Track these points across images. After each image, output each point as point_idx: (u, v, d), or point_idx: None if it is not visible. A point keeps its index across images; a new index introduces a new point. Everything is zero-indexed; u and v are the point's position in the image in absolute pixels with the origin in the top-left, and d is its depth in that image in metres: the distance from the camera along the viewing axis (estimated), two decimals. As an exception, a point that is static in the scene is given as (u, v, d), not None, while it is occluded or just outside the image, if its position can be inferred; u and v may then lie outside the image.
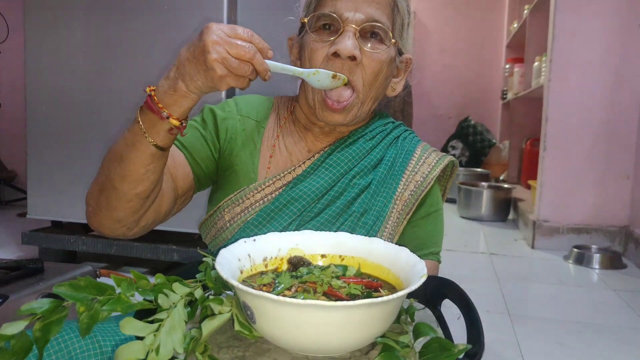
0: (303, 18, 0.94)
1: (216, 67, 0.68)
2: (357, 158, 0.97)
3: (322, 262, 0.73)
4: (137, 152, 0.75)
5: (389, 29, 0.90)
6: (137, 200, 0.79)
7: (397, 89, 1.01)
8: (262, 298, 0.52)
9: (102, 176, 0.80)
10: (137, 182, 0.77)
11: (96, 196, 0.81)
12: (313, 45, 0.89)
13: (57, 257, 2.07)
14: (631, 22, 2.61)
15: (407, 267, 0.65)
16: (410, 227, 0.98)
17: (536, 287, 2.20)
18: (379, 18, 0.88)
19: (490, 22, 5.46)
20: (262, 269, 0.69)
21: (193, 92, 0.71)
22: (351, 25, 0.87)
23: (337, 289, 0.62)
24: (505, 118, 5.15)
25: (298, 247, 0.73)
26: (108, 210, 0.80)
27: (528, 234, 2.88)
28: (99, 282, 0.57)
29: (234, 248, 0.66)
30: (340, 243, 0.74)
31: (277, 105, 1.04)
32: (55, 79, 1.98)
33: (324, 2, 0.90)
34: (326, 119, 0.90)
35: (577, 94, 2.70)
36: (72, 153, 1.97)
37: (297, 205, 0.92)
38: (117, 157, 0.77)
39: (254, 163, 0.96)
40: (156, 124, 0.73)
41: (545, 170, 2.77)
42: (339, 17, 0.87)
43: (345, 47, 0.85)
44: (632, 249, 2.56)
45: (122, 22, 1.90)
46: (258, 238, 0.70)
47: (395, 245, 0.71)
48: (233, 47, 0.68)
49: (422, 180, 0.97)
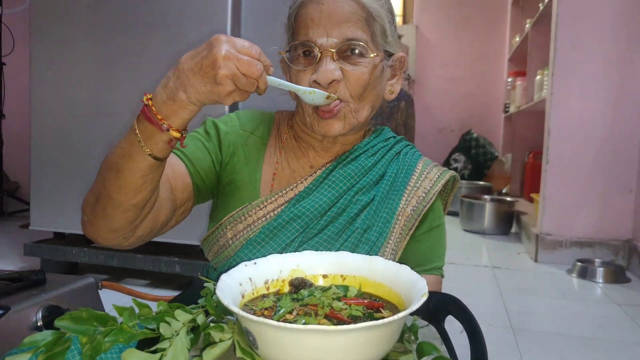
0: (283, 51, 0.94)
1: (225, 83, 0.67)
2: (360, 174, 0.97)
3: (323, 283, 0.73)
4: (133, 162, 0.73)
5: (366, 41, 0.89)
6: (134, 210, 0.78)
7: (395, 91, 1.01)
8: (263, 324, 0.52)
9: (98, 185, 0.79)
10: (134, 192, 0.76)
11: (92, 205, 0.80)
12: (297, 75, 0.90)
13: (59, 268, 2.07)
14: (633, 36, 2.62)
15: (408, 286, 0.65)
16: (413, 242, 0.98)
17: (539, 301, 2.19)
18: (353, 36, 0.88)
19: (492, 36, 5.49)
20: (263, 291, 0.69)
21: (194, 103, 0.70)
22: (327, 49, 0.87)
23: (338, 311, 0.62)
24: (508, 131, 5.16)
25: (299, 268, 0.73)
26: (104, 219, 0.79)
27: (531, 248, 2.87)
28: (101, 313, 0.57)
29: (235, 273, 0.66)
30: (341, 262, 0.74)
31: (278, 120, 1.04)
32: (60, 92, 1.99)
33: (297, 30, 0.91)
34: (324, 131, 0.90)
35: (580, 107, 2.70)
36: (76, 165, 1.98)
37: (300, 222, 0.92)
38: (113, 167, 0.76)
39: (256, 179, 0.96)
40: (154, 135, 0.72)
41: (547, 183, 2.77)
42: (314, 43, 0.87)
43: (324, 76, 0.86)
44: (635, 263, 2.55)
45: (126, 35, 1.92)
46: (259, 261, 0.70)
47: (395, 263, 0.70)
48: (244, 65, 0.67)
49: (424, 195, 0.97)
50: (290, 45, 0.91)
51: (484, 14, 5.48)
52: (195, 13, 1.86)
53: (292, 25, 0.92)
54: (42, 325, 1.22)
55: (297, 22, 0.90)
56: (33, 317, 1.22)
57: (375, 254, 0.93)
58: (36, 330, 1.21)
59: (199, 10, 1.85)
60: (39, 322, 1.23)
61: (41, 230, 2.05)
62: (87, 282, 1.43)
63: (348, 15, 0.88)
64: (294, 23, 0.91)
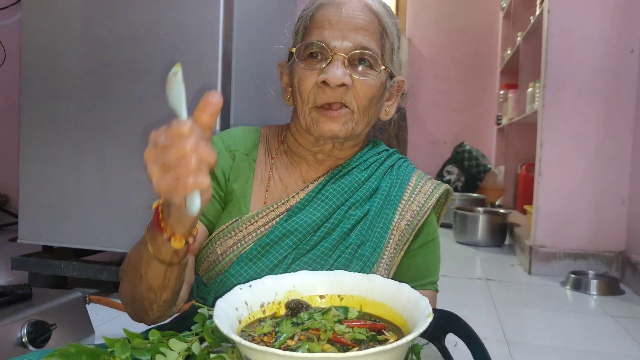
0: (291, 48, 0.94)
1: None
2: (353, 189, 0.96)
3: (320, 303, 0.71)
4: (151, 268, 0.73)
5: (378, 55, 0.89)
6: (168, 303, 0.80)
7: (390, 112, 1.01)
8: (267, 354, 0.50)
9: (130, 285, 0.80)
10: (162, 290, 0.76)
11: (131, 304, 0.82)
12: (302, 73, 0.89)
13: (47, 282, 2.04)
14: (623, 48, 2.64)
15: (410, 305, 0.63)
16: (408, 257, 0.97)
17: (533, 313, 2.18)
18: (368, 45, 0.88)
19: (484, 49, 5.52)
20: (260, 315, 0.67)
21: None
22: (339, 54, 0.86)
23: (341, 335, 0.60)
24: (500, 143, 5.17)
25: (295, 289, 0.71)
26: (147, 314, 0.81)
27: (524, 260, 2.86)
28: (91, 348, 0.54)
29: (231, 297, 0.64)
30: (338, 282, 0.72)
31: (266, 136, 1.03)
32: (50, 104, 1.97)
33: (311, 30, 0.90)
34: (322, 130, 0.88)
35: (571, 119, 2.71)
36: (65, 178, 1.96)
37: (292, 238, 0.90)
38: (136, 270, 0.76)
39: (246, 196, 0.95)
40: (163, 245, 0.69)
41: (540, 195, 2.77)
42: (327, 45, 0.87)
43: (334, 76, 0.85)
44: (629, 275, 2.54)
45: (118, 49, 1.90)
46: (254, 283, 0.68)
47: (394, 281, 0.69)
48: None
49: (419, 209, 0.96)
50: (301, 44, 0.90)
51: (476, 27, 5.52)
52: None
53: (305, 25, 0.91)
54: (27, 341, 1.19)
55: (312, 23, 0.90)
56: (18, 332, 1.20)
57: (369, 270, 0.91)
58: (20, 347, 1.18)
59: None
60: (23, 337, 1.20)
61: (29, 243, 2.02)
62: (75, 296, 1.41)
63: (366, 25, 0.89)
64: (309, 23, 0.90)
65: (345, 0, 0.89)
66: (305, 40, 0.90)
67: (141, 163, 2.12)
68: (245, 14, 1.92)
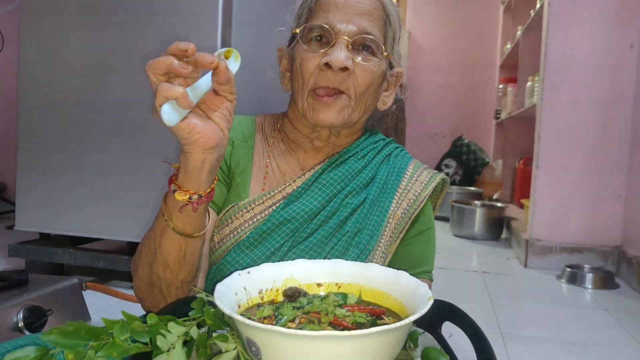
0: (294, 29, 0.94)
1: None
2: (349, 177, 0.96)
3: (318, 291, 0.71)
4: (166, 240, 0.73)
5: (380, 41, 0.90)
6: (186, 284, 0.79)
7: (387, 103, 1.01)
8: (272, 332, 0.49)
9: (146, 271, 0.79)
10: (178, 268, 0.75)
11: (149, 292, 0.80)
12: (304, 55, 0.88)
13: (44, 269, 2.04)
14: (622, 43, 2.64)
15: (409, 291, 0.63)
16: (403, 245, 0.97)
17: (529, 306, 2.19)
18: (372, 31, 0.88)
19: (484, 43, 5.52)
20: (258, 301, 0.67)
21: (183, 148, 0.68)
22: (343, 37, 0.86)
23: (342, 318, 0.60)
24: (499, 137, 5.18)
25: (293, 277, 0.71)
26: (164, 300, 0.79)
27: (521, 253, 2.87)
28: (90, 326, 0.54)
29: (230, 282, 0.64)
30: (335, 270, 0.72)
31: (262, 124, 1.02)
32: (49, 91, 1.97)
33: (316, 13, 0.90)
34: (318, 118, 0.88)
35: (570, 113, 2.71)
36: (63, 165, 1.96)
37: (289, 226, 0.90)
38: (151, 249, 0.76)
39: (245, 183, 0.95)
40: (173, 207, 0.71)
41: (538, 189, 2.77)
42: (331, 28, 0.87)
43: (337, 59, 0.84)
44: (624, 269, 2.56)
45: (118, 34, 1.90)
46: (252, 270, 0.68)
47: (392, 269, 0.69)
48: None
49: (415, 198, 0.96)
50: (305, 25, 0.89)
51: (476, 21, 5.51)
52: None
53: (310, 8, 0.91)
54: (23, 326, 1.20)
55: (318, 6, 0.90)
56: (14, 317, 1.20)
57: (365, 257, 0.92)
58: (17, 331, 1.18)
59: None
60: (20, 322, 1.20)
61: (27, 231, 2.02)
62: (71, 283, 1.41)
63: (371, 10, 0.89)
64: (314, 6, 0.90)
65: None
66: (309, 22, 0.90)
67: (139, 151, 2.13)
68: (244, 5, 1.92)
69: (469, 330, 0.64)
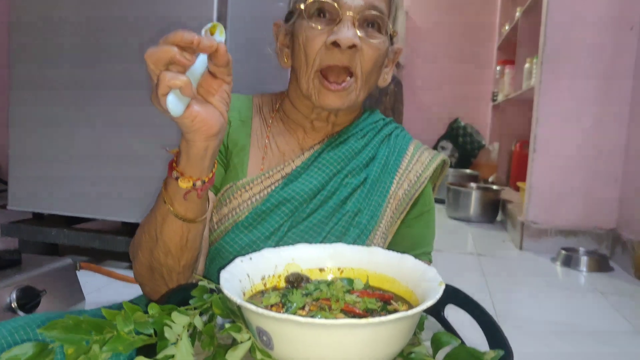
0: (298, 4, 0.91)
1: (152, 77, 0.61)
2: (349, 157, 0.94)
3: (320, 276, 0.70)
4: (168, 226, 0.72)
5: (386, 16, 0.87)
6: (188, 269, 0.78)
7: (387, 79, 0.99)
8: (287, 322, 0.48)
9: (146, 255, 0.77)
10: (180, 253, 0.74)
11: (149, 277, 0.79)
12: (309, 33, 0.85)
13: (38, 249, 2.02)
14: (623, 26, 2.61)
15: (416, 276, 0.62)
16: (404, 226, 0.96)
17: (524, 289, 2.19)
18: (378, 5, 0.85)
19: (482, 24, 5.47)
20: (261, 288, 0.65)
21: (183, 136, 0.67)
22: (349, 12, 0.83)
23: (352, 304, 0.58)
24: (495, 120, 5.16)
25: (294, 262, 0.69)
26: (165, 285, 0.78)
27: (516, 236, 2.88)
28: (91, 319, 0.52)
29: (233, 269, 0.62)
30: (338, 255, 0.71)
31: (260, 105, 1.00)
32: (41, 68, 1.93)
33: None
34: (324, 102, 0.86)
35: (568, 95, 2.70)
36: (56, 144, 1.93)
37: (288, 206, 0.89)
38: (152, 237, 0.74)
39: (243, 163, 0.93)
40: (175, 193, 0.70)
41: (534, 172, 2.77)
42: (337, 2, 0.84)
43: (345, 37, 0.82)
44: (619, 252, 2.56)
45: (111, 11, 1.86)
46: (253, 256, 0.67)
47: (396, 253, 0.68)
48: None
49: (416, 179, 0.95)
50: (308, 0, 0.85)
51: (474, 2, 5.45)
52: None
53: None
54: (16, 306, 1.19)
55: None
56: (7, 298, 1.19)
57: (365, 238, 0.91)
58: (10, 312, 1.17)
59: None
60: (12, 303, 1.19)
61: (19, 210, 1.99)
62: (65, 263, 1.39)
63: None
64: None
65: None
66: None
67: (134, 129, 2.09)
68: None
69: (475, 314, 0.64)
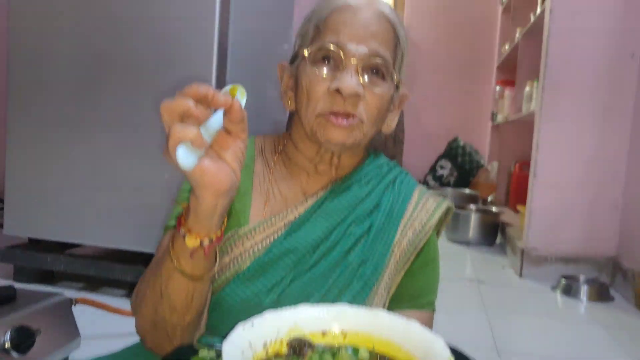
0: (300, 48, 0.90)
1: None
2: (353, 205, 0.92)
3: (323, 339, 0.68)
4: (174, 283, 0.70)
5: (391, 64, 0.86)
6: (192, 325, 0.76)
7: (391, 125, 0.98)
8: None
9: (149, 310, 0.75)
10: (185, 311, 0.73)
11: (151, 333, 0.77)
12: (312, 78, 0.84)
13: (33, 276, 1.99)
14: (623, 53, 2.62)
15: (424, 345, 0.60)
16: (407, 276, 0.94)
17: (524, 319, 2.17)
18: (383, 53, 0.84)
19: (481, 43, 5.48)
20: (263, 356, 0.63)
21: (194, 193, 0.66)
22: (354, 59, 0.82)
23: None
24: (494, 139, 5.16)
25: (297, 326, 0.67)
26: (169, 341, 0.76)
27: (516, 262, 2.86)
28: None
29: (235, 339, 0.60)
30: (341, 317, 0.69)
31: (262, 147, 0.98)
32: (39, 93, 1.92)
33: (325, 33, 0.85)
34: (329, 137, 0.84)
35: (569, 122, 2.69)
36: (53, 169, 1.91)
37: (291, 257, 0.86)
38: (157, 293, 0.72)
39: (245, 209, 0.90)
40: (182, 250, 0.69)
41: (534, 198, 2.75)
42: (342, 49, 0.83)
43: (349, 86, 0.81)
44: (619, 281, 2.55)
45: (110, 38, 1.85)
46: (255, 322, 0.65)
47: (402, 318, 0.66)
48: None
49: (421, 228, 0.93)
50: (313, 46, 0.85)
51: (474, 21, 5.47)
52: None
53: (318, 27, 0.87)
54: (9, 347, 1.16)
55: (326, 25, 0.85)
56: (1, 338, 1.16)
57: (369, 290, 0.88)
58: (4, 354, 1.14)
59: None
60: (6, 343, 1.16)
61: (15, 235, 1.97)
62: (61, 299, 1.36)
63: (382, 32, 0.85)
64: (322, 26, 0.86)
65: (362, 6, 0.86)
66: (316, 41, 0.86)
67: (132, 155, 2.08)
68: (242, 6, 1.87)
69: None
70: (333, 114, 0.84)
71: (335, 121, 0.84)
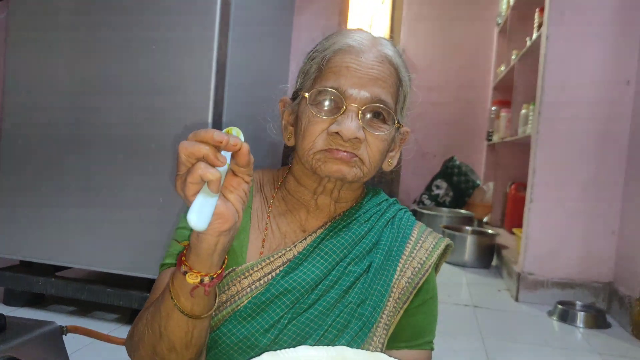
0: (301, 89, 0.89)
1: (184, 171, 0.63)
2: (352, 244, 0.91)
3: None
4: (173, 322, 0.70)
5: (392, 109, 0.86)
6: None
7: (392, 164, 0.97)
8: None
9: (148, 352, 0.74)
10: (185, 349, 0.72)
11: None
12: (312, 119, 0.84)
13: (23, 299, 1.96)
14: (619, 80, 2.63)
15: None
16: (406, 316, 0.92)
17: (521, 347, 2.15)
18: (385, 98, 0.84)
19: (478, 63, 5.52)
20: None
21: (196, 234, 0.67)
22: (354, 104, 0.82)
23: None
24: (490, 159, 5.17)
25: None
26: None
27: (512, 286, 2.84)
28: None
29: None
30: (340, 359, 0.68)
31: (260, 182, 0.97)
32: (33, 115, 1.90)
33: (326, 75, 0.85)
34: (330, 170, 0.83)
35: (565, 147, 2.70)
36: (45, 191, 1.89)
37: (289, 297, 0.85)
38: (155, 332, 0.72)
39: (242, 247, 0.89)
40: (182, 287, 0.69)
41: (531, 222, 2.75)
42: (342, 94, 0.82)
43: (348, 130, 0.80)
44: (616, 307, 2.53)
45: (107, 64, 1.84)
46: None
47: None
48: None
49: (420, 267, 0.92)
50: (314, 89, 0.85)
51: (470, 41, 5.51)
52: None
53: (320, 68, 0.86)
54: (-2, 381, 1.13)
55: (328, 67, 0.85)
56: (-11, 371, 1.13)
57: (368, 331, 0.87)
58: (-9, 388, 1.11)
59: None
60: (-5, 377, 1.13)
61: (6, 258, 1.94)
62: (51, 328, 1.33)
63: (385, 77, 0.85)
64: (324, 67, 0.85)
65: (365, 49, 0.85)
66: (318, 84, 0.85)
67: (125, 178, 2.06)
68: (240, 32, 1.87)
69: None
70: (334, 150, 0.83)
71: (337, 154, 0.83)
